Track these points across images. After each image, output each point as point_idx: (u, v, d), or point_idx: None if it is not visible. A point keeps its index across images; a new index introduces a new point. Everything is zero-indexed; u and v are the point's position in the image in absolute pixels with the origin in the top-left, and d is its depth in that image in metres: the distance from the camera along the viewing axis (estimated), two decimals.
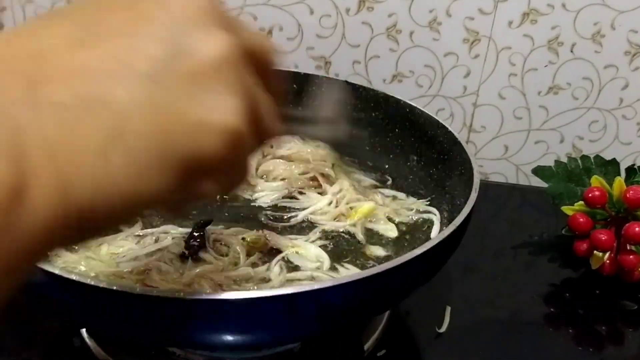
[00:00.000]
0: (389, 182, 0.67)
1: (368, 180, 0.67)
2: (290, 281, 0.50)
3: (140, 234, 0.54)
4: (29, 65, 0.23)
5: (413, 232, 0.60)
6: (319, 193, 0.63)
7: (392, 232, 0.59)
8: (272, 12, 0.81)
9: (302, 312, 0.39)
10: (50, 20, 0.26)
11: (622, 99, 0.85)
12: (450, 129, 0.62)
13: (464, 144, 0.59)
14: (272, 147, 0.66)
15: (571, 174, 0.74)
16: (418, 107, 0.67)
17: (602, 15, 0.79)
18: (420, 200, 0.63)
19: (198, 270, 0.49)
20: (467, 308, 0.62)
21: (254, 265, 0.52)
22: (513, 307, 0.64)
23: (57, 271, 0.38)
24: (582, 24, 0.79)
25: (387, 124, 0.70)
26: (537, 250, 0.74)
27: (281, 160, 0.65)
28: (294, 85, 0.73)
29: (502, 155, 0.90)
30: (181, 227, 0.55)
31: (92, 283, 0.37)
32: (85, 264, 0.50)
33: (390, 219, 0.60)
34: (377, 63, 0.84)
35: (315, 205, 0.60)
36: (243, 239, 0.53)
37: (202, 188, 0.28)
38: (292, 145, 0.67)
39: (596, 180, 0.67)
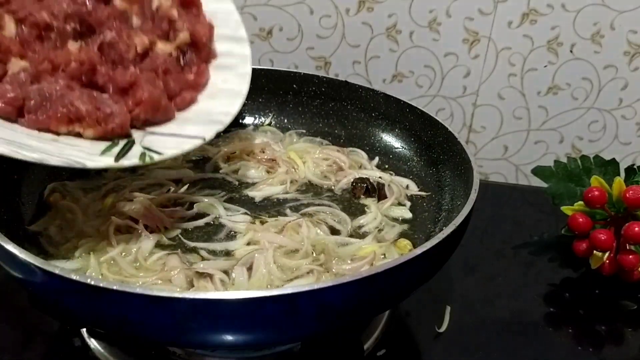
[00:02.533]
0: None
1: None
2: None
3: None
4: None
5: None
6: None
7: (407, 214, 0.61)
8: (272, 12, 0.81)
9: (302, 312, 0.39)
10: None
11: (622, 99, 0.85)
12: (450, 129, 0.62)
13: (464, 144, 0.59)
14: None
15: (571, 174, 0.74)
16: (418, 107, 0.67)
17: (602, 16, 0.79)
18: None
19: None
20: (467, 308, 0.63)
21: None
22: (513, 307, 0.64)
23: (57, 271, 0.38)
24: (582, 24, 0.80)
25: (387, 124, 0.70)
26: (537, 250, 0.74)
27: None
28: (294, 86, 0.74)
29: (502, 155, 0.90)
30: None
31: (92, 283, 0.37)
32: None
33: (400, 203, 0.63)
34: (377, 63, 0.84)
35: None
36: None
37: None
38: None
39: (596, 181, 0.68)
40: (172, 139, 0.51)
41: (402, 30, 0.81)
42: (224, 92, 0.57)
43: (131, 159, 0.49)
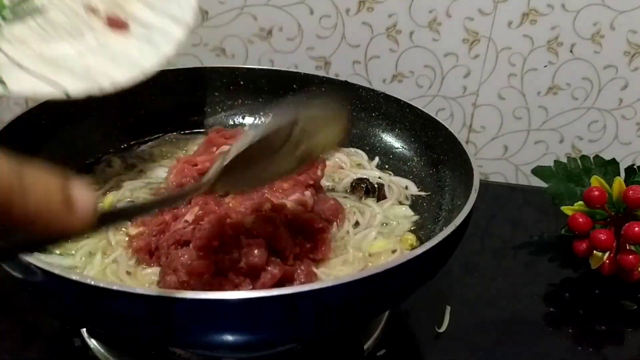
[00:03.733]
0: None
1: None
2: None
3: None
4: None
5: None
6: None
7: (408, 212, 0.62)
8: (272, 12, 0.81)
9: (302, 312, 0.39)
10: None
11: (622, 99, 0.85)
12: (450, 129, 0.62)
13: (464, 144, 0.59)
14: None
15: (571, 174, 0.74)
16: (418, 107, 0.67)
17: (602, 16, 0.79)
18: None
19: None
20: (467, 308, 0.62)
21: None
22: (513, 307, 0.64)
23: (57, 271, 0.38)
24: (582, 24, 0.79)
25: (387, 124, 0.70)
26: (537, 250, 0.74)
27: None
28: (294, 86, 0.74)
29: (502, 155, 0.90)
30: None
31: (92, 283, 0.37)
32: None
33: (400, 203, 0.63)
34: (377, 63, 0.84)
35: None
36: None
37: None
38: None
39: (596, 181, 0.68)
40: (36, 80, 0.47)
41: (402, 30, 0.81)
42: (129, 59, 0.54)
43: None
